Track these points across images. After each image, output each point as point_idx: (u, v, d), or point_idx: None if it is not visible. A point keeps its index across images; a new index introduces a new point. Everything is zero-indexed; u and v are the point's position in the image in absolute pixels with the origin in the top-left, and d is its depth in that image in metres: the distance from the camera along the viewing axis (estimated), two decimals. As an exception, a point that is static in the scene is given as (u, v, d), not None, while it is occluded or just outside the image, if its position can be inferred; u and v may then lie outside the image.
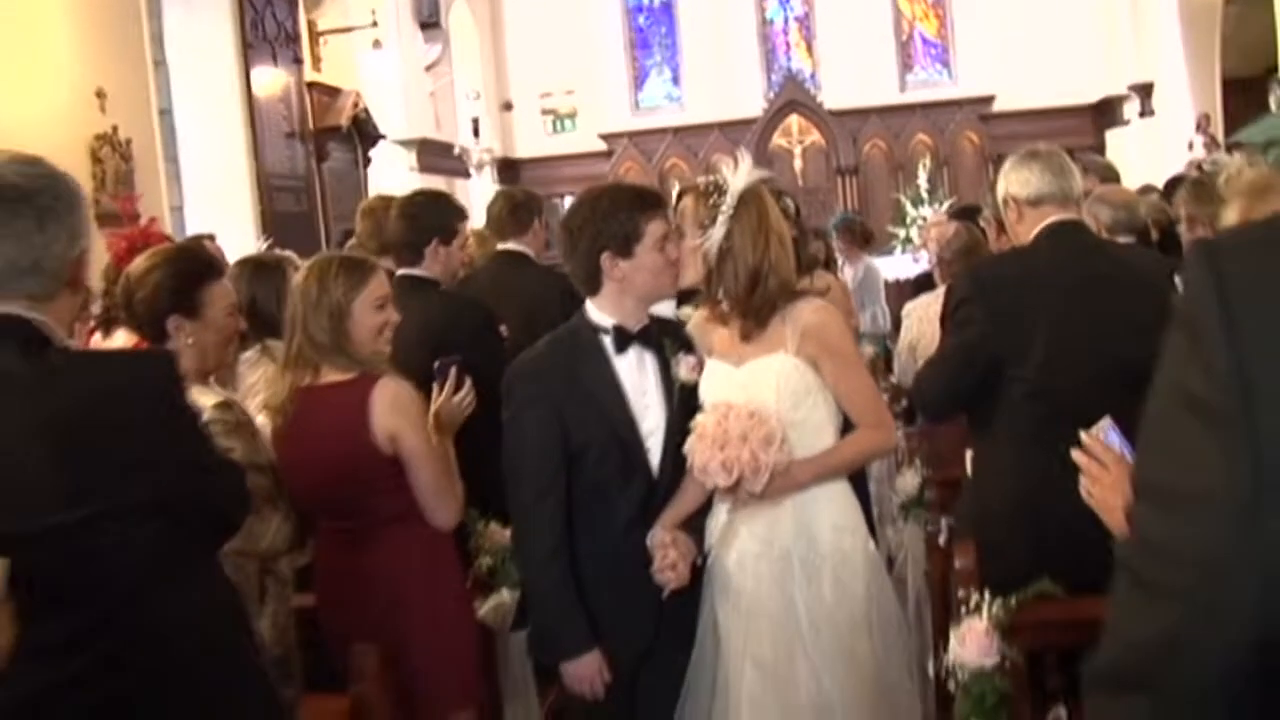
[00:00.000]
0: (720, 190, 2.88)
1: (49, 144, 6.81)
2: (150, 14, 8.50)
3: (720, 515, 2.98)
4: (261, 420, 3.17)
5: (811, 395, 2.91)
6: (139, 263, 2.95)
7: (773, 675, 2.89)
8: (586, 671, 2.91)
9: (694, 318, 3.17)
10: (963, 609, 2.52)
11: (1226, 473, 0.77)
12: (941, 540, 3.74)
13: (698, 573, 2.98)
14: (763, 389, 2.87)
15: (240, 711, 2.12)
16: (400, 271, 3.90)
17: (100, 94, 7.63)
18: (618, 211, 2.90)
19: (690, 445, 2.83)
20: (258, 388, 3.50)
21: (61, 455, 1.86)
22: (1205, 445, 0.78)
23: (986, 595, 2.45)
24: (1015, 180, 3.29)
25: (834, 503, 2.94)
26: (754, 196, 2.88)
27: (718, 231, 2.85)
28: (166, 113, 8.77)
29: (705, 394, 2.97)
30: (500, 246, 4.96)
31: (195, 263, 2.94)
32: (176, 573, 2.00)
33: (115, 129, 7.69)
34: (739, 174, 2.87)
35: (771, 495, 2.83)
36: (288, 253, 4.50)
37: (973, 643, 2.35)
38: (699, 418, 2.85)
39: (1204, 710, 0.78)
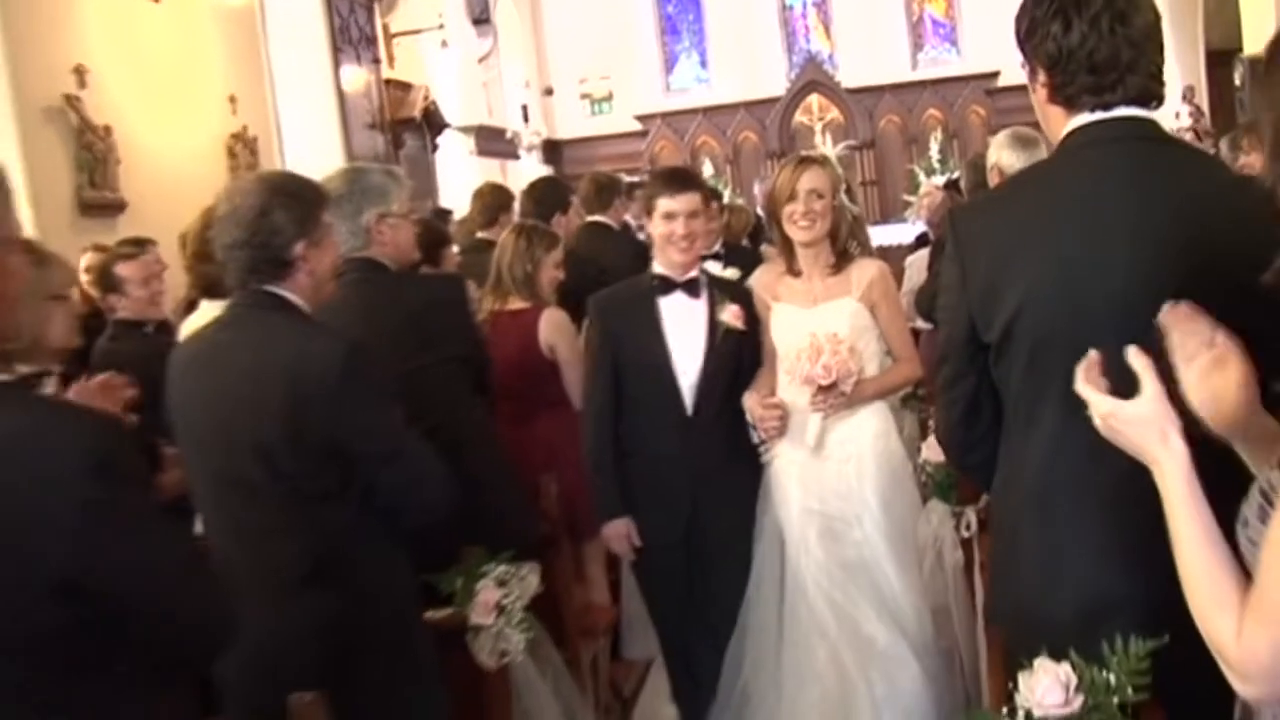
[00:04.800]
0: (828, 161, 3.75)
1: (196, 142, 8.32)
2: (263, 27, 9.95)
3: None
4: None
5: (869, 332, 3.72)
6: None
7: (835, 542, 3.67)
8: (615, 533, 3.82)
9: (762, 270, 3.99)
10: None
11: (956, 275, 2.15)
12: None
13: (731, 472, 3.78)
14: (834, 325, 3.62)
15: (505, 496, 3.56)
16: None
17: (232, 99, 9.08)
18: (646, 186, 3.91)
19: (790, 366, 3.59)
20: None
21: (417, 328, 3.30)
22: (951, 268, 2.17)
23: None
24: (1007, 155, 4.45)
25: (880, 414, 3.80)
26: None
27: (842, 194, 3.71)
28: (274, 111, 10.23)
29: (778, 331, 3.75)
30: (589, 218, 6.36)
31: (436, 234, 4.40)
32: (471, 405, 3.47)
33: (245, 128, 9.14)
34: (827, 148, 3.91)
35: (849, 402, 3.61)
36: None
37: (935, 449, 3.71)
38: (792, 350, 3.59)
39: (960, 357, 2.18)
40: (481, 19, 14.85)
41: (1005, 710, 1.90)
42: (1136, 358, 1.60)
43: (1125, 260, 1.95)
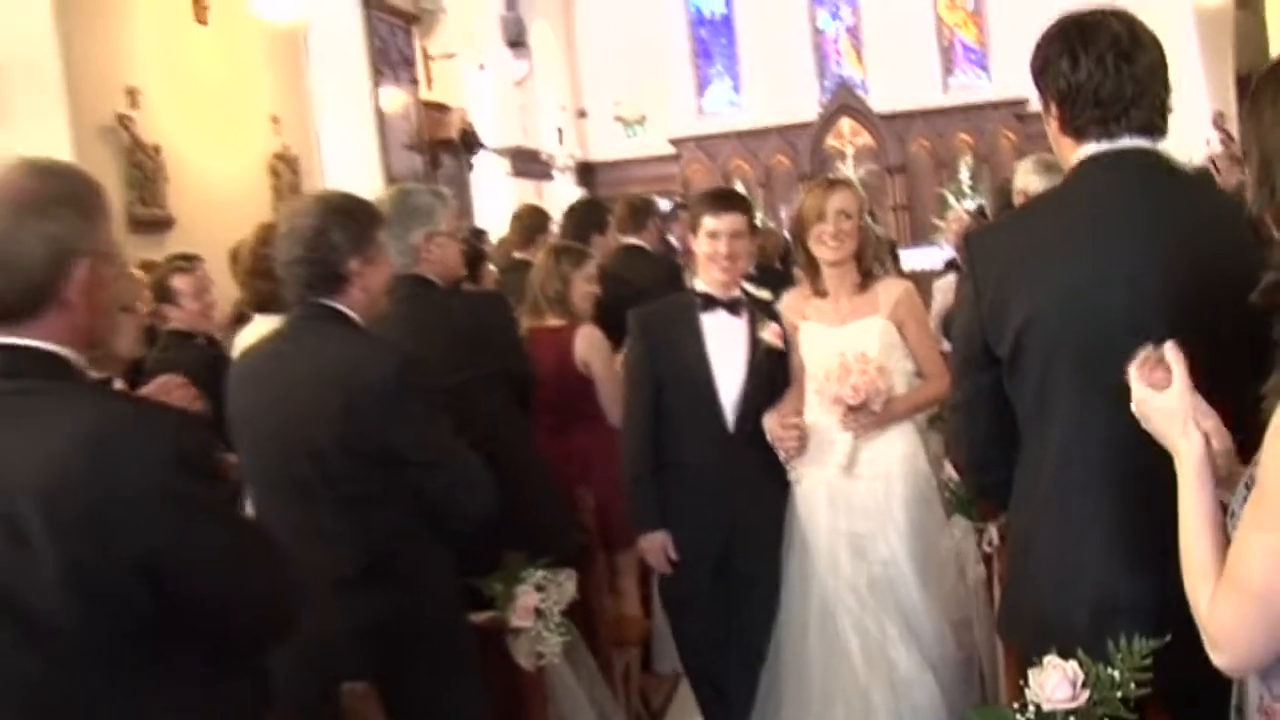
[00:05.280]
0: (853, 183, 3.99)
1: (241, 161, 8.53)
2: (306, 49, 10.18)
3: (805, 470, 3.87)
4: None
5: (897, 350, 3.80)
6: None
7: (861, 559, 3.74)
8: (654, 545, 3.87)
9: (789, 294, 4.08)
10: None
11: (969, 291, 2.29)
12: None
13: (768, 488, 3.84)
14: (863, 343, 3.72)
15: (544, 506, 3.72)
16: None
17: (275, 119, 9.30)
18: (693, 205, 4.06)
19: (819, 386, 3.69)
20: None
21: (463, 342, 3.46)
22: (965, 286, 2.31)
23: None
24: (1034, 181, 4.59)
25: (908, 435, 3.86)
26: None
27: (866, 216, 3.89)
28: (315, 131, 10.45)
29: (807, 350, 3.84)
30: (623, 240, 6.49)
31: (474, 250, 4.57)
32: (514, 421, 3.62)
33: (287, 148, 9.35)
34: (849, 171, 4.23)
35: (879, 421, 3.70)
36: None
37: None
38: (821, 370, 3.69)
39: (976, 371, 2.31)
40: (517, 42, 15.08)
41: (1016, 706, 2.01)
42: (1171, 351, 1.73)
43: (1129, 279, 2.09)
